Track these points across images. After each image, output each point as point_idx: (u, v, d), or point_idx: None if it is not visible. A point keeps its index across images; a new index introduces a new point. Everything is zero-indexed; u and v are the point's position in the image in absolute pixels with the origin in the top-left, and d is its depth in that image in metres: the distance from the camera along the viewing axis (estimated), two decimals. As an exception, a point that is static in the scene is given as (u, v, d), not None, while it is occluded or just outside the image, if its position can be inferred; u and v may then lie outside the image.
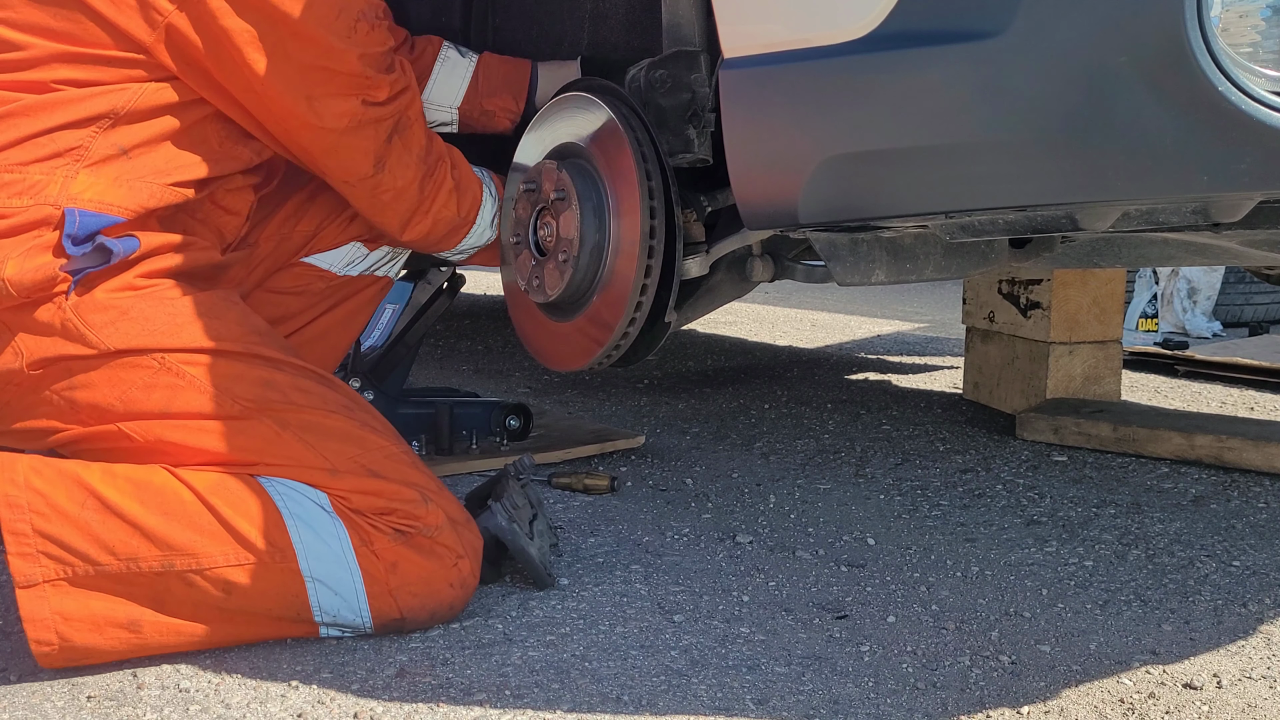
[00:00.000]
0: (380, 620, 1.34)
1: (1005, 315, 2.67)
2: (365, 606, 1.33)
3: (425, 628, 1.37)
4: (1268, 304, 4.55)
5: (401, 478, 1.38)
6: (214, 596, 1.27)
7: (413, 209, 1.66)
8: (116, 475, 1.28)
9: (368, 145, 1.54)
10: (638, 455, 2.25)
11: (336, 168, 1.57)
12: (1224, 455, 2.17)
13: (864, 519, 1.86)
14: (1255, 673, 1.30)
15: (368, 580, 1.32)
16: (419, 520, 1.35)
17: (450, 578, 1.36)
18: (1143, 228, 1.26)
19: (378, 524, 1.33)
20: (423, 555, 1.34)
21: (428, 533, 1.35)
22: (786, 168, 1.24)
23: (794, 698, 1.22)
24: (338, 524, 1.32)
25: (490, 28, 2.17)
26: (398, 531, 1.34)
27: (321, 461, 1.35)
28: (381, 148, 1.56)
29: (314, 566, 1.30)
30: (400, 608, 1.34)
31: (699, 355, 3.75)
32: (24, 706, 1.19)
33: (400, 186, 1.61)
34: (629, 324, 1.54)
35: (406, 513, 1.34)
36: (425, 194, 1.66)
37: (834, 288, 5.72)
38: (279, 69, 1.42)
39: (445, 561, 1.36)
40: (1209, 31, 0.95)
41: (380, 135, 1.55)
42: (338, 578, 1.31)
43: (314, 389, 1.41)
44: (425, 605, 1.35)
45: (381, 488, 1.35)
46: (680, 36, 1.49)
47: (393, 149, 1.58)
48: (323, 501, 1.33)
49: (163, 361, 1.33)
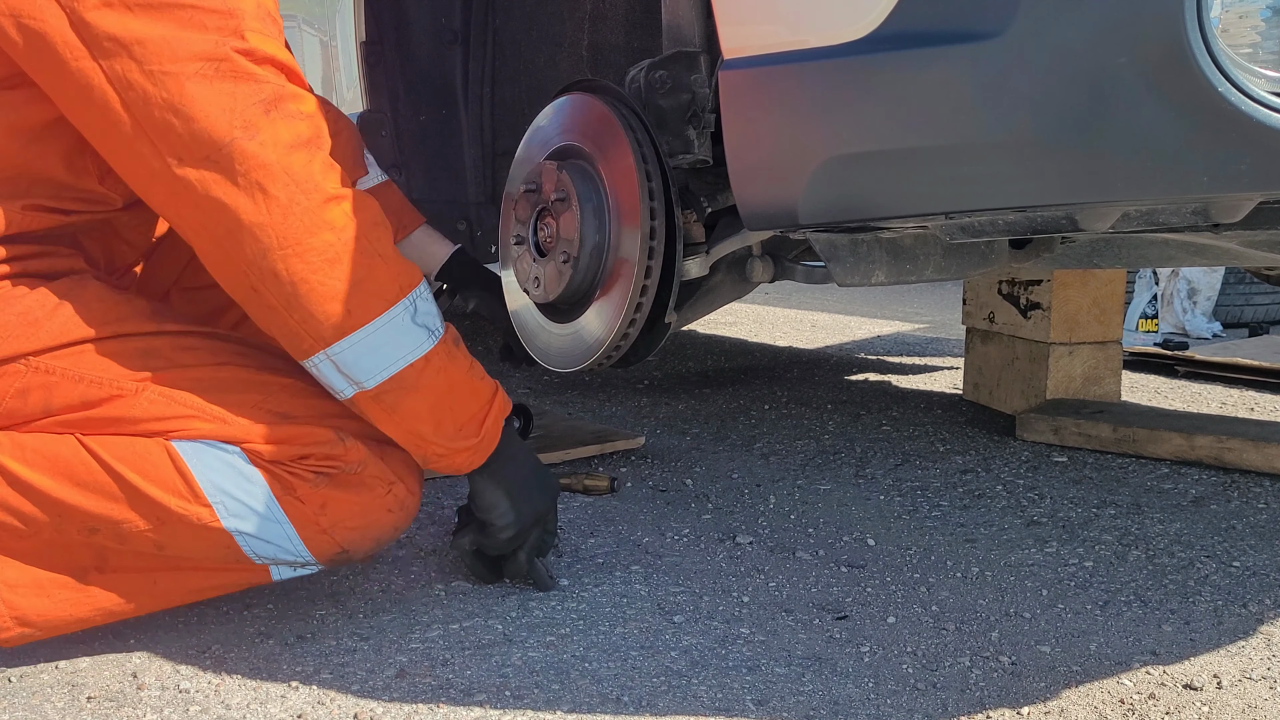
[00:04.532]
0: (323, 557, 1.34)
1: (1005, 316, 2.67)
2: (302, 548, 1.32)
3: (372, 554, 1.38)
4: (1268, 304, 4.55)
5: (313, 414, 1.32)
6: (150, 553, 1.28)
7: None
8: (25, 448, 1.26)
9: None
10: (638, 456, 2.25)
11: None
12: (1224, 456, 2.17)
13: (864, 519, 1.86)
14: (1255, 673, 1.30)
15: (298, 525, 1.30)
16: (338, 460, 1.31)
17: (386, 504, 1.35)
18: (1143, 228, 1.26)
19: (296, 470, 1.30)
20: (351, 491, 1.32)
21: (351, 469, 1.32)
22: (786, 168, 1.24)
23: (794, 698, 1.22)
24: (256, 476, 1.29)
25: (490, 28, 2.17)
26: (319, 474, 1.30)
27: (225, 416, 1.29)
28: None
29: (237, 521, 1.28)
30: (339, 542, 1.33)
31: (699, 356, 3.75)
32: (24, 707, 1.19)
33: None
34: (629, 325, 1.54)
35: (324, 454, 1.31)
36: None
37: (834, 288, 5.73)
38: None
39: (377, 491, 1.34)
40: (1209, 32, 0.95)
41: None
42: (264, 528, 1.29)
43: (200, 345, 1.35)
44: (366, 535, 1.35)
45: (293, 433, 1.30)
46: (680, 37, 1.49)
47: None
48: (237, 456, 1.28)
49: (29, 364, 1.27)
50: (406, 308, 1.32)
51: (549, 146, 1.68)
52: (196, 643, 1.35)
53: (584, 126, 1.61)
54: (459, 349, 1.39)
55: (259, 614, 1.44)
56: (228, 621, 1.42)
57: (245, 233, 1.23)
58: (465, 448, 1.38)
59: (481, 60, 2.18)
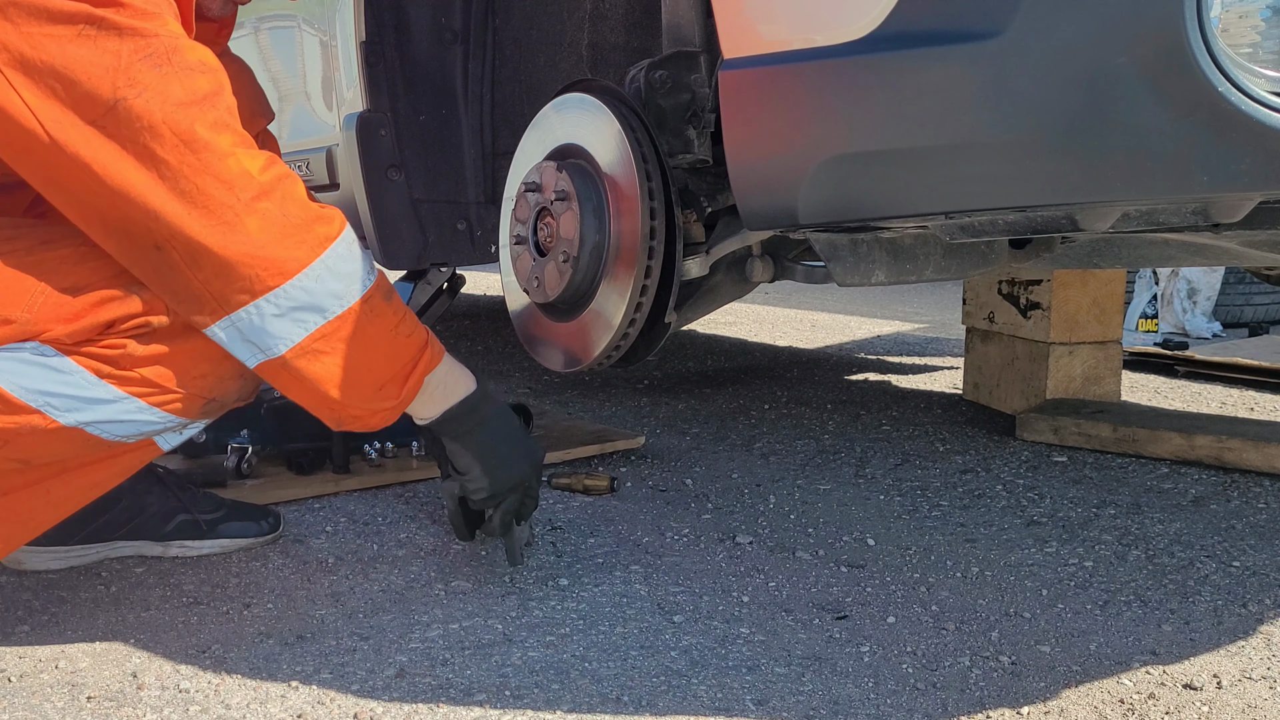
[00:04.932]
0: (193, 413, 1.27)
1: (1005, 316, 2.67)
2: (162, 414, 1.24)
3: (253, 389, 1.32)
4: (1268, 304, 4.56)
5: (102, 277, 1.20)
6: (20, 470, 1.23)
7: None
8: None
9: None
10: (638, 456, 2.25)
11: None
12: (1224, 456, 2.17)
13: (864, 519, 1.86)
14: (1255, 673, 1.30)
15: (142, 395, 1.22)
16: (143, 316, 1.20)
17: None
18: (1143, 228, 1.26)
19: (109, 344, 1.19)
20: (180, 340, 1.22)
21: (163, 323, 1.22)
22: (786, 168, 1.24)
23: (794, 698, 1.22)
24: (68, 365, 1.19)
25: (490, 28, 2.17)
26: (137, 339, 1.21)
27: (8, 314, 1.17)
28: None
29: (75, 415, 1.20)
30: (200, 394, 1.25)
31: (699, 356, 3.75)
32: (24, 707, 1.19)
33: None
34: (629, 324, 1.54)
35: (124, 316, 1.19)
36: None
37: (834, 288, 5.74)
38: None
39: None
40: (1209, 32, 0.95)
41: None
42: (108, 411, 1.21)
43: None
44: (225, 376, 1.27)
45: (86, 306, 1.18)
46: (680, 37, 1.49)
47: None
48: (39, 352, 1.18)
49: None
50: (322, 266, 1.21)
51: (549, 146, 1.68)
52: (196, 643, 1.35)
53: (584, 126, 1.61)
54: (388, 303, 1.28)
55: (259, 614, 1.44)
56: (228, 621, 1.42)
57: (135, 198, 1.14)
58: (385, 409, 1.31)
59: (481, 60, 2.18)
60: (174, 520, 1.64)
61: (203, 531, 1.65)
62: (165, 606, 1.46)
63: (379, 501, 1.93)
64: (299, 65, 2.55)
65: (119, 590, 1.52)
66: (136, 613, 1.44)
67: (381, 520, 1.82)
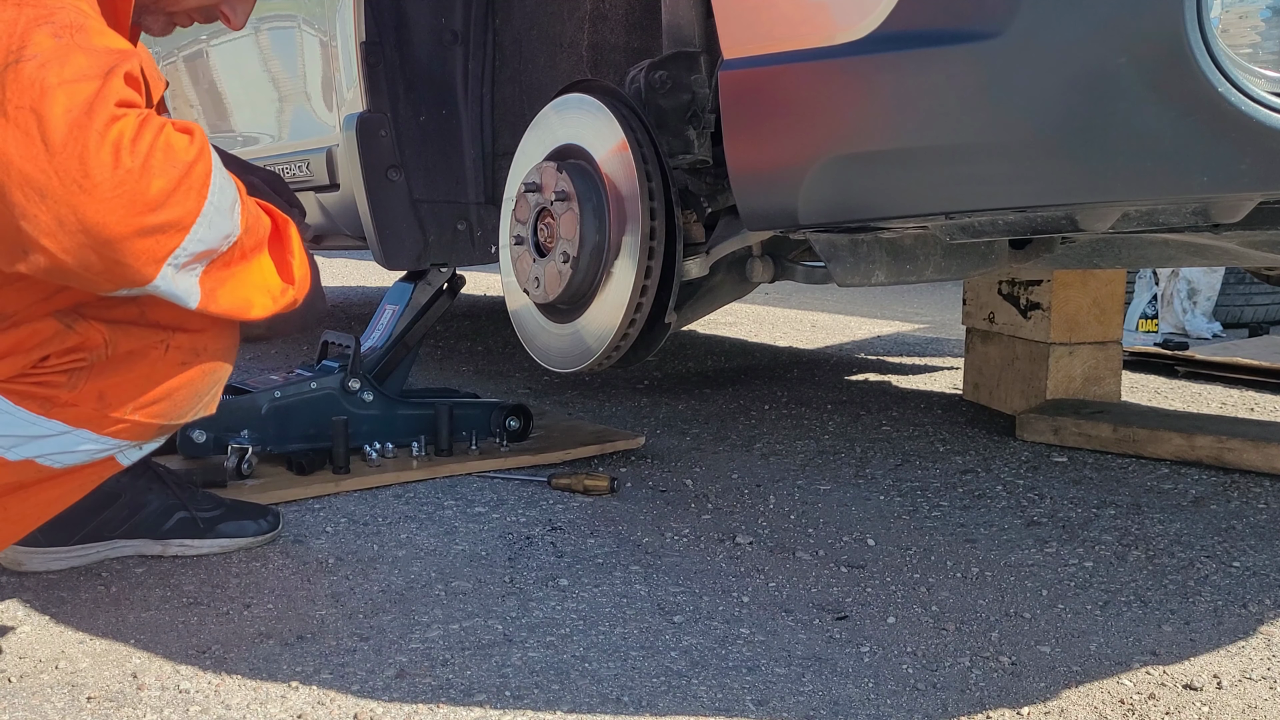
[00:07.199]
0: (148, 436, 1.22)
1: (1005, 316, 2.67)
2: (116, 441, 1.19)
3: (210, 407, 1.28)
4: (1268, 305, 4.56)
5: (31, 303, 1.12)
6: None
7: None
8: None
9: None
10: (638, 456, 2.25)
11: None
12: (1224, 456, 2.17)
13: (864, 520, 1.86)
14: (1255, 674, 1.30)
15: (90, 426, 1.17)
16: (79, 351, 1.14)
17: (175, 359, 1.19)
18: (1143, 229, 1.26)
19: (44, 378, 1.14)
20: (123, 368, 1.17)
21: (101, 354, 1.15)
22: (786, 169, 1.24)
23: (794, 699, 1.22)
24: (7, 405, 1.13)
25: (490, 28, 2.17)
26: (73, 371, 1.14)
27: None
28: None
29: (21, 451, 1.15)
30: (153, 418, 1.20)
31: (699, 356, 3.75)
32: (24, 707, 1.19)
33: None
34: (629, 325, 1.54)
35: (61, 351, 1.14)
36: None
37: (834, 288, 5.74)
38: None
39: (153, 355, 1.17)
40: (1209, 32, 0.95)
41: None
42: (54, 444, 1.16)
43: None
44: (179, 399, 1.21)
45: (16, 341, 1.12)
46: (680, 37, 1.49)
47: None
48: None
49: None
50: (210, 208, 1.08)
51: (549, 146, 1.68)
52: (196, 643, 1.35)
53: (584, 127, 1.61)
54: (248, 209, 1.17)
55: (259, 614, 1.44)
56: (228, 621, 1.42)
57: (14, 172, 0.97)
58: (288, 301, 1.22)
59: (481, 60, 2.18)
60: (173, 518, 1.64)
61: (201, 530, 1.65)
62: (165, 607, 1.46)
63: (379, 501, 1.93)
64: (299, 65, 2.55)
65: (119, 590, 1.52)
66: (136, 613, 1.44)
67: (381, 520, 1.82)
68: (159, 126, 1.05)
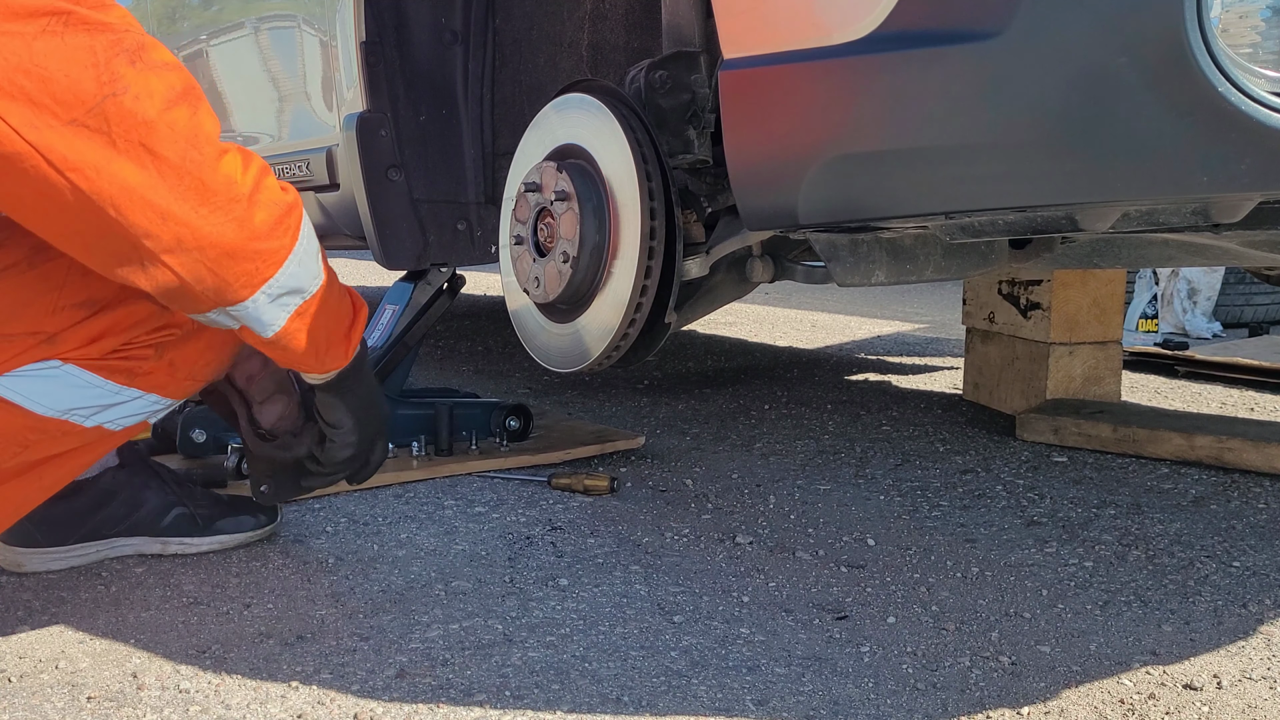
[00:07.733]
0: (186, 394, 1.35)
1: (1005, 316, 2.67)
2: (168, 402, 1.32)
3: (221, 371, 1.40)
4: (1268, 305, 4.56)
5: (114, 288, 1.20)
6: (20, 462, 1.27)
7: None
8: None
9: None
10: (637, 456, 2.25)
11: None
12: (1224, 456, 2.17)
13: (864, 520, 1.86)
14: (1255, 673, 1.30)
15: (157, 390, 1.28)
16: (170, 327, 1.26)
17: (220, 332, 1.29)
18: (1143, 228, 1.26)
19: (132, 353, 1.24)
20: (192, 339, 1.29)
21: (190, 326, 1.27)
22: (786, 168, 1.24)
23: (794, 699, 1.22)
24: (95, 379, 1.23)
25: (490, 28, 2.17)
26: (158, 346, 1.26)
27: (25, 329, 1.17)
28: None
29: (99, 418, 1.25)
30: (203, 379, 1.34)
31: (699, 356, 3.75)
32: (24, 707, 1.19)
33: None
34: (629, 325, 1.54)
35: (154, 327, 1.25)
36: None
37: (834, 288, 5.74)
38: None
39: (208, 328, 1.27)
40: (1209, 32, 0.95)
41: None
42: (126, 408, 1.27)
43: None
44: (224, 364, 1.36)
45: (110, 324, 1.22)
46: (680, 37, 1.49)
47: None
48: (64, 370, 1.20)
49: None
50: (301, 249, 1.21)
51: (549, 146, 1.68)
52: (196, 643, 1.35)
53: (584, 126, 1.61)
54: (330, 267, 1.32)
55: (259, 614, 1.44)
56: (228, 621, 1.42)
57: (134, 198, 1.06)
58: (335, 362, 1.36)
59: (481, 60, 2.18)
60: (171, 514, 1.65)
61: (200, 526, 1.65)
62: (165, 606, 1.46)
63: (379, 501, 1.93)
64: (299, 65, 2.55)
65: (119, 590, 1.52)
66: (136, 613, 1.44)
67: (381, 520, 1.82)
68: (261, 168, 1.18)
